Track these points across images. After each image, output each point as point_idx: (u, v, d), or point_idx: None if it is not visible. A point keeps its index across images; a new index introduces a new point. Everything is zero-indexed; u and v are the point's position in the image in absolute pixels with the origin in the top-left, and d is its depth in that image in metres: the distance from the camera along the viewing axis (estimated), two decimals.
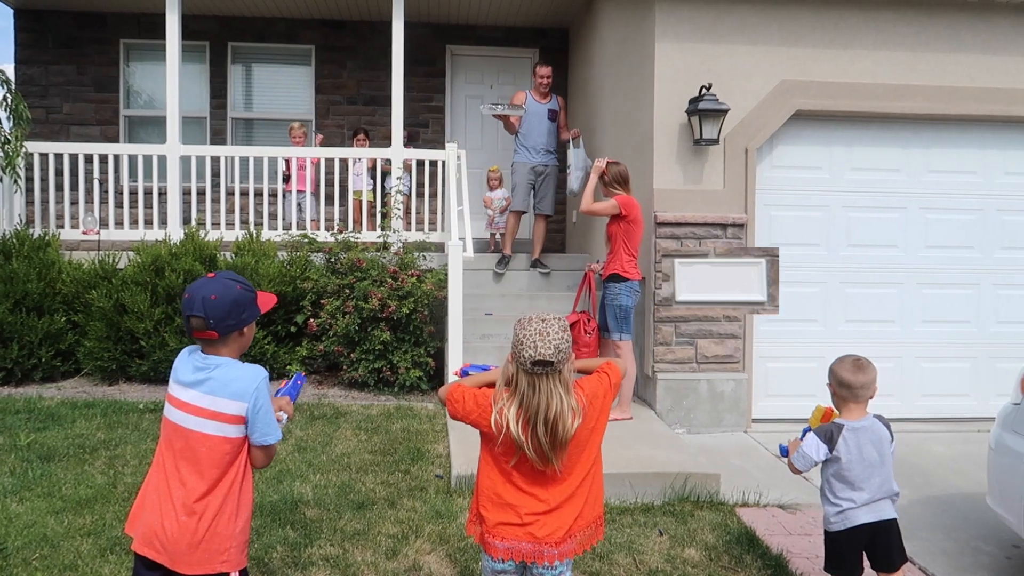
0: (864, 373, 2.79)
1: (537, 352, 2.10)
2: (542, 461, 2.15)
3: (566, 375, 2.17)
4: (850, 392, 2.80)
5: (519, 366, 2.15)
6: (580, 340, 5.54)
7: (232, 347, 2.15)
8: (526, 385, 2.14)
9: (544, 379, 2.13)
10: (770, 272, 5.78)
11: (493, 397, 2.21)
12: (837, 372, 2.83)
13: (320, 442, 4.93)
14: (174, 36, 7.17)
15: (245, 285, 2.15)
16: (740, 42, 5.81)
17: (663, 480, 4.37)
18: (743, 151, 5.79)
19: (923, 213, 6.19)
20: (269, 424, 2.14)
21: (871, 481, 2.80)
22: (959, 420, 6.13)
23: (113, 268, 6.50)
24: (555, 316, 2.20)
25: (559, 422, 2.13)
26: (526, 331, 2.15)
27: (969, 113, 5.97)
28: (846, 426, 2.80)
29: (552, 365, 2.12)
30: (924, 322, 6.23)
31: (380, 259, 6.51)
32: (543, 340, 2.11)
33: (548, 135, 7.51)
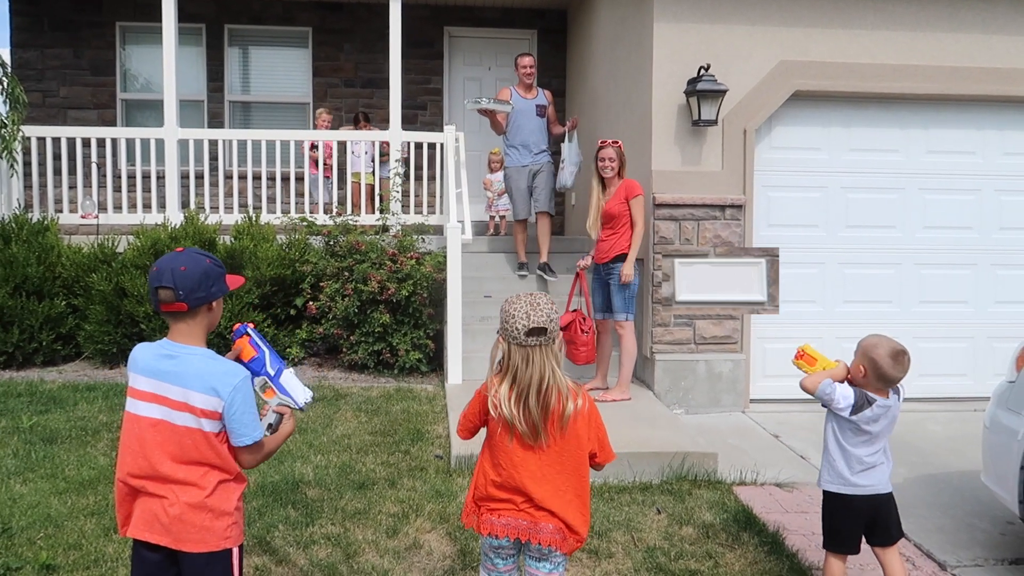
0: (903, 368, 2.74)
1: (531, 320, 2.13)
2: (532, 434, 2.17)
3: (556, 349, 2.19)
4: (884, 384, 2.78)
5: (511, 341, 2.17)
6: (578, 340, 5.47)
7: (200, 324, 2.08)
8: (519, 359, 2.17)
9: (537, 351, 2.15)
10: (770, 272, 5.80)
11: (487, 388, 2.24)
12: (876, 361, 2.73)
13: (321, 423, 4.96)
14: (170, 18, 7.13)
15: (214, 260, 2.11)
16: (739, 22, 5.78)
17: (661, 459, 4.41)
18: (741, 132, 5.78)
19: (921, 194, 6.19)
20: (245, 425, 2.04)
21: (877, 453, 2.82)
22: (957, 400, 6.16)
23: (113, 252, 6.51)
24: (543, 294, 2.24)
25: (551, 393, 2.16)
26: (515, 306, 2.18)
27: (968, 93, 5.96)
28: (878, 402, 2.78)
29: (545, 333, 2.14)
30: (922, 302, 6.25)
31: (379, 242, 6.52)
32: (535, 310, 2.15)
33: (538, 132, 6.91)
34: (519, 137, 6.86)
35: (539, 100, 6.92)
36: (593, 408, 2.28)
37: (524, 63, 6.85)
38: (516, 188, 6.96)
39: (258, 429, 2.08)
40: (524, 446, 2.20)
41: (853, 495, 2.83)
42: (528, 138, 6.85)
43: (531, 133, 6.85)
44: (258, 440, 2.08)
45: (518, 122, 6.82)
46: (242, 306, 6.30)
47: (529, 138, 6.85)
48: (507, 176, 7.03)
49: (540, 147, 6.91)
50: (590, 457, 2.28)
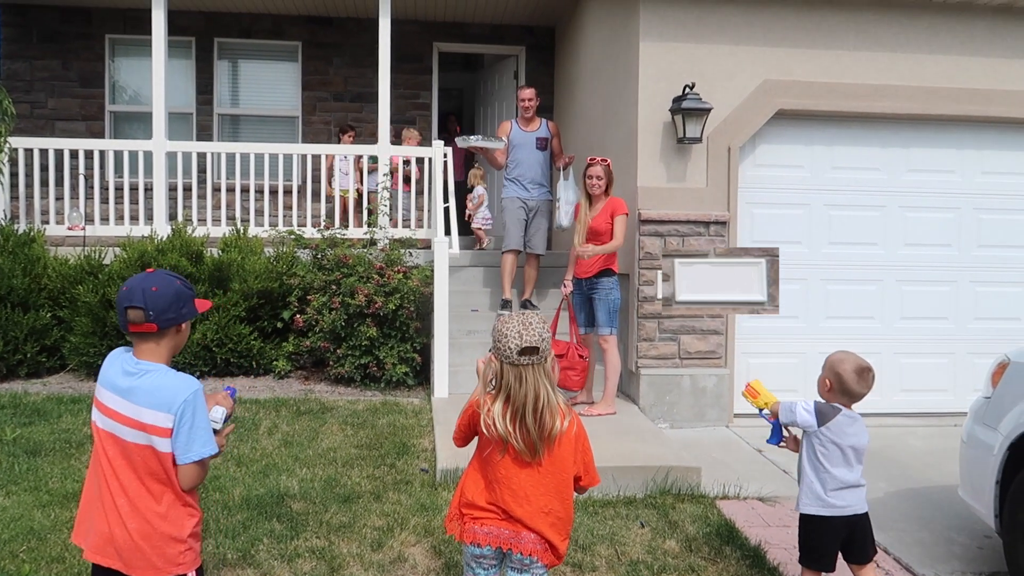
0: (868, 384, 2.81)
1: (523, 340, 2.17)
2: (530, 452, 2.20)
3: (549, 369, 2.22)
4: (848, 398, 2.84)
5: (504, 360, 2.21)
6: (577, 365, 5.55)
7: (166, 345, 2.06)
8: (512, 378, 2.20)
9: (530, 370, 2.19)
10: (770, 272, 5.86)
11: (479, 405, 2.27)
12: (841, 376, 2.79)
13: (306, 437, 4.97)
14: (160, 31, 7.16)
15: (185, 282, 2.10)
16: (724, 42, 5.88)
17: (645, 473, 4.44)
18: (726, 149, 5.86)
19: (903, 212, 6.30)
20: (194, 441, 1.99)
21: (853, 469, 2.85)
22: (937, 415, 6.24)
23: (99, 264, 6.49)
24: (535, 313, 2.28)
25: (546, 412, 2.19)
26: (508, 325, 2.21)
27: (947, 113, 6.08)
28: (843, 411, 2.83)
29: (538, 353, 2.18)
30: (903, 318, 6.34)
31: (367, 255, 6.54)
32: (527, 330, 2.18)
33: (539, 166, 6.60)
34: (517, 171, 6.60)
35: (540, 132, 6.62)
36: (581, 431, 2.31)
37: (524, 95, 6.60)
38: (511, 218, 6.61)
39: (209, 445, 2.01)
40: (516, 463, 2.23)
41: (830, 516, 2.86)
42: (526, 172, 6.57)
43: (530, 167, 6.57)
44: (208, 456, 2.01)
45: (517, 156, 6.58)
46: (228, 319, 6.31)
47: (527, 172, 6.57)
48: (503, 207, 6.72)
49: (539, 182, 6.61)
50: (575, 480, 2.31)
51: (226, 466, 4.38)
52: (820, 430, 2.83)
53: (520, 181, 6.57)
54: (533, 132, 6.60)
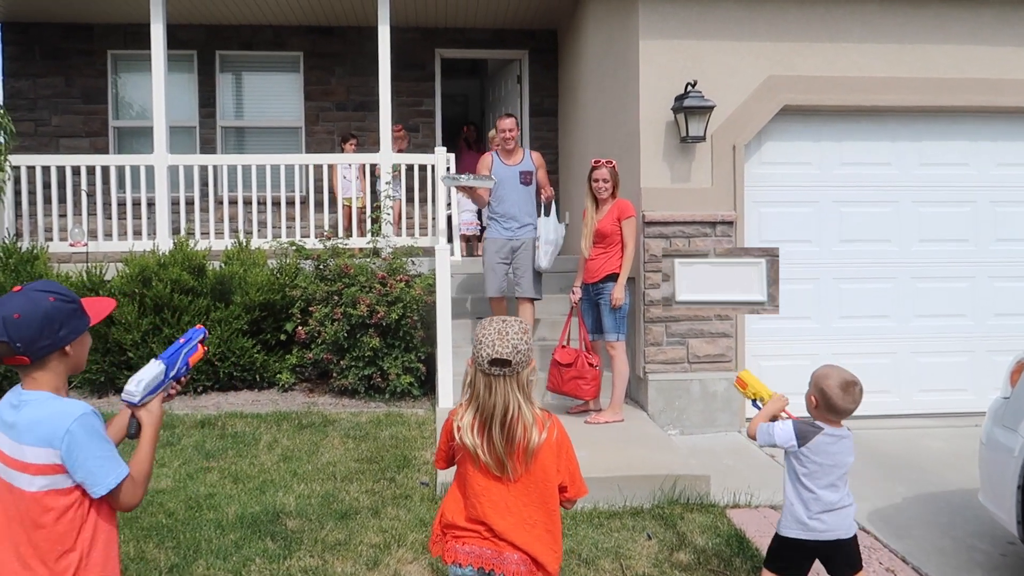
0: (854, 399, 2.67)
1: (495, 350, 2.06)
2: (497, 466, 2.09)
3: (524, 380, 2.11)
4: (834, 414, 2.70)
5: (477, 367, 2.11)
6: (587, 374, 5.42)
7: (54, 371, 1.80)
8: (483, 387, 2.10)
9: (501, 380, 2.08)
10: (770, 272, 5.71)
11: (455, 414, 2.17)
12: (826, 392, 2.66)
13: (306, 451, 4.87)
14: (159, 46, 7.14)
15: (61, 295, 1.80)
16: (726, 38, 5.75)
17: (652, 483, 4.31)
18: (731, 148, 5.73)
19: (915, 207, 6.12)
20: (93, 472, 1.73)
21: (837, 490, 2.71)
22: (957, 415, 6.04)
23: (100, 279, 6.46)
24: (518, 320, 2.16)
25: (515, 424, 2.08)
26: (485, 331, 2.11)
27: (958, 104, 5.91)
28: (825, 430, 2.71)
29: (509, 365, 2.07)
30: (919, 316, 6.16)
31: (369, 265, 6.46)
32: (501, 339, 2.07)
33: (522, 203, 6.03)
34: (500, 208, 6.04)
35: (524, 166, 6.06)
36: (563, 438, 2.20)
37: (503, 126, 6.01)
38: (488, 263, 6.07)
39: (117, 468, 1.76)
40: (489, 476, 2.12)
41: (809, 540, 2.71)
42: (510, 209, 6.00)
43: (513, 204, 6.00)
44: (123, 478, 1.77)
45: (499, 192, 6.01)
46: (231, 332, 6.25)
47: (511, 209, 6.00)
48: (484, 250, 6.20)
49: (524, 220, 6.04)
50: (560, 491, 2.19)
51: (223, 483, 4.30)
52: (801, 451, 2.70)
53: (503, 220, 6.03)
54: (515, 166, 6.04)
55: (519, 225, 6.04)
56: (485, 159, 6.15)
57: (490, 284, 6.09)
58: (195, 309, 6.28)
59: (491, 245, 6.09)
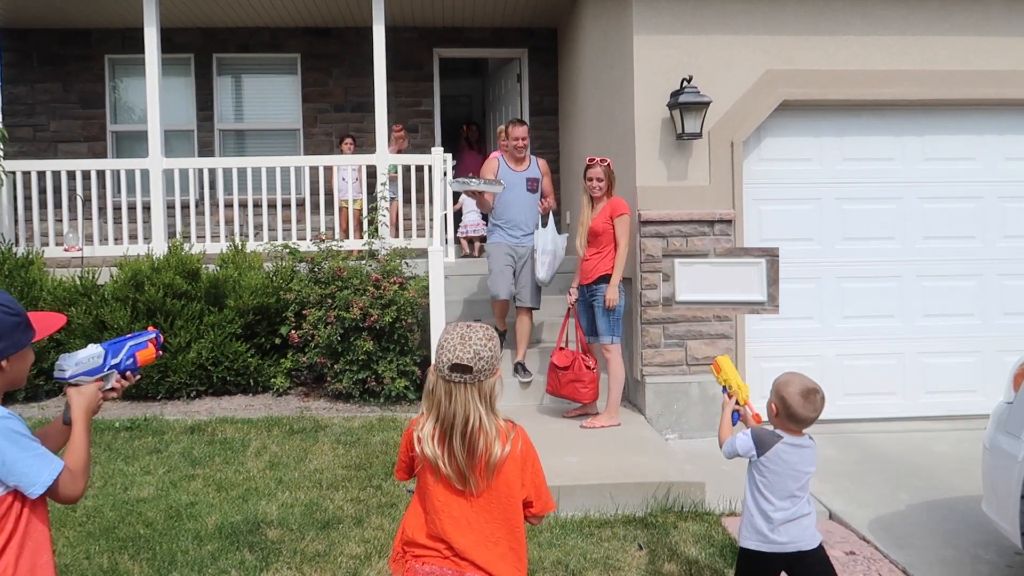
0: (815, 408, 2.58)
1: (455, 355, 1.95)
2: (459, 479, 1.99)
3: (487, 390, 2.00)
4: (795, 423, 2.62)
5: (438, 373, 2.00)
6: (584, 377, 5.31)
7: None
8: (443, 394, 1.99)
9: (461, 388, 1.97)
10: (770, 271, 5.57)
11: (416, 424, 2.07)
12: (786, 399, 2.58)
13: (294, 457, 4.79)
14: (153, 49, 7.09)
15: (5, 307, 1.74)
16: (722, 32, 5.62)
17: (645, 490, 4.19)
18: (728, 144, 5.59)
19: (920, 203, 5.96)
20: (26, 473, 1.68)
21: (797, 500, 2.62)
22: (965, 417, 5.86)
23: (93, 284, 6.41)
24: (484, 325, 2.05)
25: (477, 436, 1.97)
26: (449, 336, 2.00)
27: (964, 97, 5.74)
28: (785, 439, 2.62)
29: (470, 372, 1.96)
30: (926, 316, 5.99)
31: (363, 267, 6.38)
32: (464, 344, 1.97)
33: (529, 209, 5.90)
34: (505, 215, 5.86)
35: (531, 172, 5.91)
36: (529, 450, 2.09)
37: (516, 133, 5.80)
38: (497, 264, 5.86)
39: (50, 464, 1.70)
40: (450, 490, 2.01)
41: (772, 552, 2.62)
42: (516, 217, 5.85)
43: (519, 212, 5.86)
44: (59, 472, 1.71)
45: (505, 198, 5.84)
46: (224, 336, 6.18)
47: (517, 217, 5.85)
48: (488, 253, 6.02)
49: (529, 228, 5.90)
50: (525, 506, 2.08)
51: (206, 492, 4.22)
52: (760, 460, 2.63)
53: (508, 227, 5.86)
54: (523, 172, 5.88)
55: (524, 233, 5.90)
56: (491, 163, 5.94)
57: (501, 286, 5.86)
58: (188, 313, 6.22)
59: (498, 249, 5.91)
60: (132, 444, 5.00)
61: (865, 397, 5.94)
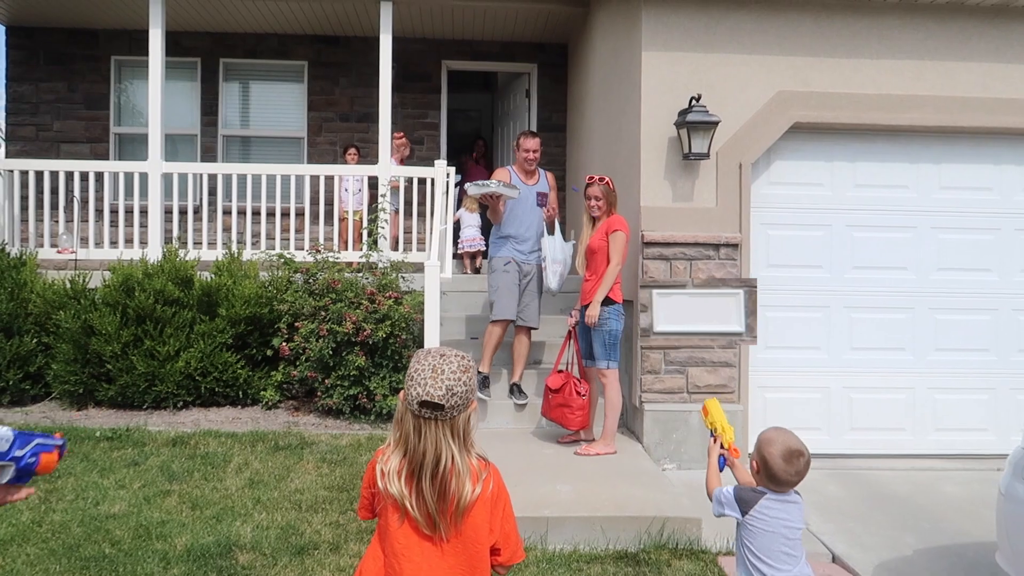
0: (797, 472, 2.40)
1: (425, 391, 1.78)
2: (428, 524, 1.81)
3: (460, 426, 1.83)
4: (775, 485, 2.44)
5: (407, 406, 1.83)
6: (573, 403, 5.14)
7: None
8: (411, 429, 1.82)
9: (432, 424, 1.80)
10: (748, 302, 5.40)
11: (381, 455, 1.89)
12: (768, 460, 2.41)
13: (276, 476, 4.61)
14: (157, 51, 6.99)
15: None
16: (734, 50, 5.47)
17: (639, 524, 3.99)
18: (737, 166, 5.43)
19: (935, 233, 5.77)
20: None
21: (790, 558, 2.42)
22: (976, 457, 5.65)
23: (83, 288, 6.28)
24: (459, 354, 1.87)
25: (450, 478, 1.80)
26: (419, 366, 1.83)
27: (982, 125, 5.56)
28: (767, 494, 2.45)
29: (442, 410, 1.79)
30: (938, 350, 5.78)
31: (358, 280, 6.22)
32: (435, 378, 1.79)
33: (536, 225, 5.75)
34: (513, 228, 5.69)
35: (540, 186, 5.76)
36: (500, 492, 1.91)
37: (528, 145, 5.66)
38: (504, 282, 5.64)
39: None
40: (416, 532, 1.83)
41: None
42: (525, 232, 5.69)
43: (529, 226, 5.70)
44: None
45: (514, 212, 5.67)
46: (214, 346, 6.03)
47: (526, 232, 5.69)
48: (492, 268, 5.77)
49: (535, 243, 5.76)
50: (493, 552, 1.90)
51: (180, 509, 4.05)
52: (746, 520, 2.45)
53: (516, 241, 5.70)
54: (533, 186, 5.73)
55: (531, 249, 5.76)
56: (502, 173, 5.76)
57: (506, 307, 5.63)
58: (179, 321, 6.07)
59: (502, 265, 5.70)
60: (111, 455, 4.84)
61: (872, 432, 5.72)
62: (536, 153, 5.73)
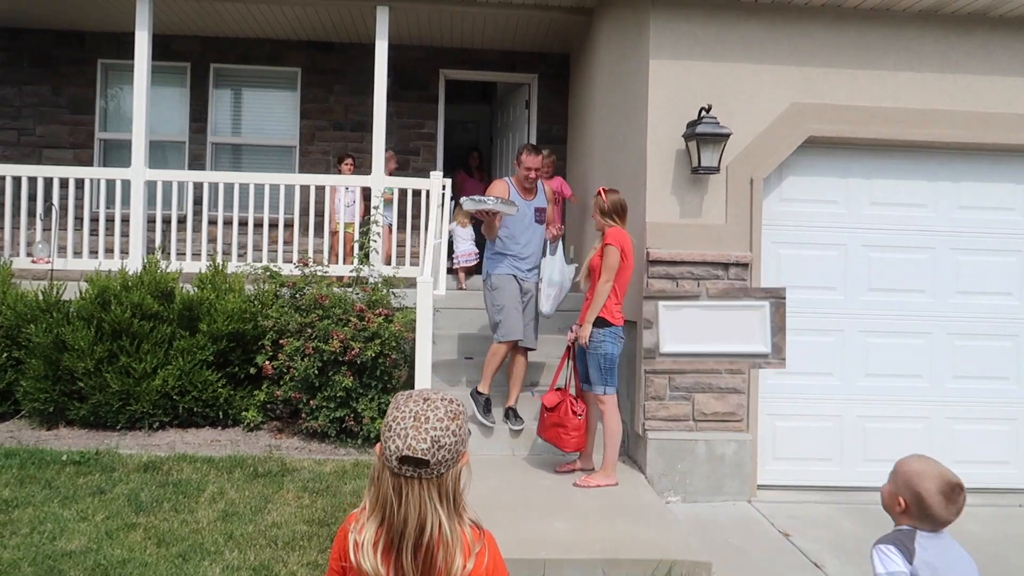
0: (957, 510, 2.09)
1: (407, 444, 1.48)
2: None
3: (449, 485, 1.53)
4: (930, 525, 2.11)
5: (384, 462, 1.53)
6: (568, 423, 4.83)
7: None
8: (391, 490, 1.51)
9: (415, 484, 1.50)
10: (775, 317, 5.09)
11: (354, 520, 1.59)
12: (923, 497, 2.08)
13: (253, 507, 4.29)
14: (143, 54, 6.71)
15: None
16: (745, 60, 5.20)
17: (643, 568, 3.67)
18: (748, 181, 5.15)
19: (954, 254, 5.49)
20: None
21: None
22: (997, 491, 5.36)
23: (56, 300, 5.96)
24: (446, 398, 1.57)
25: (436, 551, 1.49)
26: (398, 413, 1.53)
27: (1005, 142, 5.30)
28: (919, 533, 2.11)
29: (427, 466, 1.48)
30: (956, 378, 5.49)
31: (347, 295, 5.92)
32: (418, 428, 1.49)
33: (536, 243, 5.52)
34: (513, 246, 5.44)
35: (539, 202, 5.51)
36: (497, 567, 1.60)
37: (531, 164, 5.34)
38: (511, 301, 5.35)
39: None
40: None
41: None
42: (524, 250, 5.45)
43: (527, 244, 5.45)
44: None
45: (512, 229, 5.43)
46: (194, 363, 5.71)
47: (524, 250, 5.45)
48: (493, 286, 5.46)
49: (535, 262, 5.53)
50: None
51: (144, 546, 3.72)
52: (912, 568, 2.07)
53: (516, 259, 5.45)
54: (532, 201, 5.48)
55: (531, 267, 5.53)
56: (499, 185, 5.49)
57: (514, 326, 5.34)
58: (157, 337, 5.76)
59: (509, 284, 5.41)
60: (76, 482, 4.51)
61: (887, 464, 5.24)
62: (538, 172, 5.47)
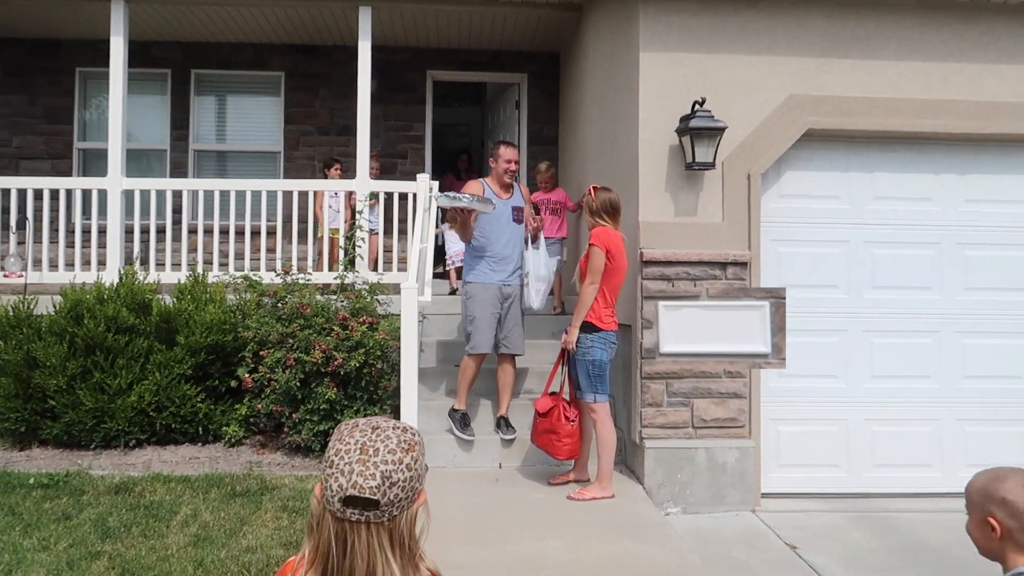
0: None
1: (351, 481, 1.24)
2: None
3: (403, 530, 1.29)
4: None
5: (325, 505, 1.29)
6: (561, 429, 4.61)
7: None
8: (333, 538, 1.27)
9: (362, 530, 1.26)
10: (775, 317, 4.86)
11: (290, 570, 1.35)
12: (1014, 502, 1.74)
13: (227, 530, 4.04)
14: (119, 60, 6.51)
15: None
16: (741, 51, 4.99)
17: None
18: (744, 177, 4.93)
19: (961, 249, 5.27)
20: None
21: None
22: None
23: (27, 314, 5.72)
24: (399, 426, 1.32)
25: None
26: (343, 445, 1.29)
27: (1013, 132, 5.08)
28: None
29: (376, 507, 1.25)
30: (967, 378, 5.26)
31: (330, 304, 5.69)
32: (364, 462, 1.25)
33: (515, 243, 5.28)
34: (490, 248, 5.20)
35: (515, 200, 5.30)
36: None
37: (508, 156, 5.19)
38: (483, 311, 5.14)
39: None
40: None
41: None
42: (502, 250, 5.21)
43: (506, 245, 5.22)
44: None
45: (489, 230, 5.20)
46: (171, 378, 5.47)
47: (504, 250, 5.21)
48: (468, 294, 5.24)
49: (515, 263, 5.29)
50: None
51: None
52: None
53: (493, 261, 5.20)
54: (508, 200, 5.26)
55: (512, 269, 5.29)
56: (474, 186, 5.28)
57: (484, 339, 5.14)
58: (133, 351, 5.52)
59: (483, 292, 5.18)
60: (42, 507, 4.27)
61: (896, 469, 5.19)
62: (517, 165, 5.29)
